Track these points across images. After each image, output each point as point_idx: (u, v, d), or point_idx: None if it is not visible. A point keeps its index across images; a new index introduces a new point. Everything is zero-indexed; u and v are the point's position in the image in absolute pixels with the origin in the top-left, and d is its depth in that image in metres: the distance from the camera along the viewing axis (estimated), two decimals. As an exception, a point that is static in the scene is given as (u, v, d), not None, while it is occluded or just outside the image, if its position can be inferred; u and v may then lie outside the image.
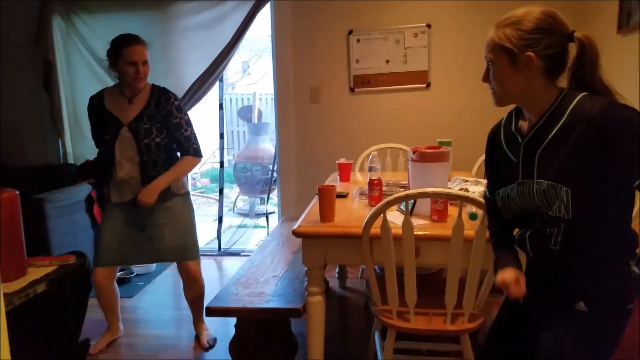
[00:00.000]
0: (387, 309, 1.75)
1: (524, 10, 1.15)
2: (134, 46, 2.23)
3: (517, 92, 1.19)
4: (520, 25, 1.13)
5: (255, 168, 5.53)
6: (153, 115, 2.30)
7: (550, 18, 1.13)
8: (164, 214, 2.39)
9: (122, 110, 2.30)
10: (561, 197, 1.11)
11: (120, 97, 2.33)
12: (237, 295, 2.12)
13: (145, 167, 2.30)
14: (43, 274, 1.39)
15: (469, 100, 3.50)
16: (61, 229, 3.11)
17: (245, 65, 8.80)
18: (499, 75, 1.19)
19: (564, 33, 1.13)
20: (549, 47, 1.12)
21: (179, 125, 2.35)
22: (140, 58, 2.24)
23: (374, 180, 2.08)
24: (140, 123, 2.28)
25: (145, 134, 2.28)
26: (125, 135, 2.28)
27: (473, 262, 1.60)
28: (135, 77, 2.24)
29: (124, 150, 2.29)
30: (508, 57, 1.15)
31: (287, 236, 2.94)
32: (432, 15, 3.46)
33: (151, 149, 2.30)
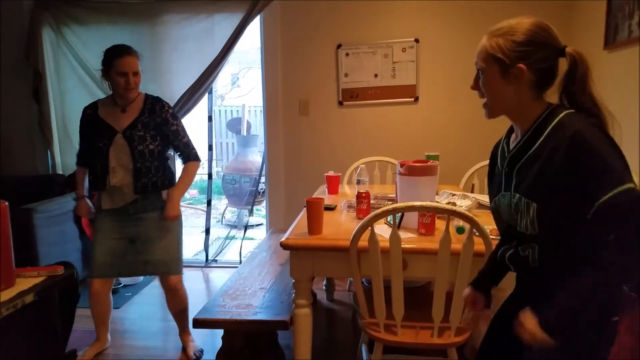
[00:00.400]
0: (375, 322, 1.76)
1: (516, 21, 1.15)
2: (124, 57, 2.25)
3: (507, 104, 1.19)
4: (513, 36, 1.13)
5: (243, 180, 5.54)
6: (147, 123, 2.33)
7: (542, 31, 1.13)
8: (153, 226, 2.38)
9: (116, 119, 2.32)
10: (528, 212, 1.13)
11: (114, 107, 2.35)
12: (225, 307, 2.12)
13: (139, 174, 2.31)
14: (31, 285, 1.39)
15: (456, 115, 3.56)
16: (49, 239, 3.09)
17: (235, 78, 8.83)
18: (488, 84, 1.20)
19: (556, 47, 1.14)
20: (540, 61, 1.13)
21: (176, 133, 2.39)
22: (131, 69, 2.26)
23: (362, 193, 2.11)
24: (134, 130, 2.30)
25: (139, 141, 2.30)
26: (119, 143, 2.30)
27: (460, 275, 1.62)
28: (125, 87, 2.26)
29: (118, 156, 2.30)
30: (499, 67, 1.15)
31: (275, 248, 2.95)
32: (420, 31, 3.53)
33: (145, 155, 2.31)
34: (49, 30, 3.74)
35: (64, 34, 3.73)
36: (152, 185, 2.35)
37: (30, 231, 2.94)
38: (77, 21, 3.71)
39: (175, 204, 2.38)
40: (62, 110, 3.84)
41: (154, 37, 3.68)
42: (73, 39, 3.73)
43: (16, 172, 3.83)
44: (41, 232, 3.02)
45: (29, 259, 2.84)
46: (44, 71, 3.73)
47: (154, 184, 2.36)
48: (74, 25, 3.73)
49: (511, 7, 3.30)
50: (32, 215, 2.97)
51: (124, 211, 2.35)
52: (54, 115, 3.83)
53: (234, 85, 8.81)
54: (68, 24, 3.72)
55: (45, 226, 3.07)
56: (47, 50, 3.75)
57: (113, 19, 3.70)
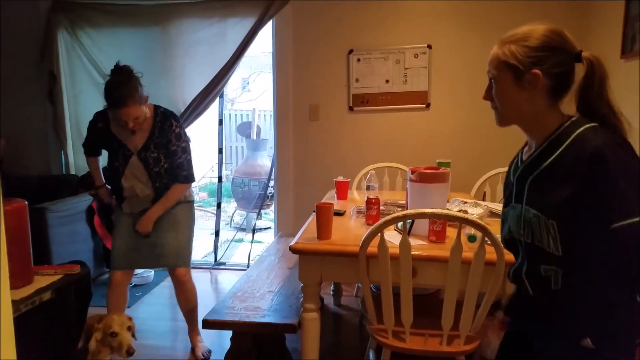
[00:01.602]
0: (383, 328, 1.76)
1: (529, 27, 1.12)
2: (122, 109, 2.18)
3: (520, 112, 1.15)
4: (527, 42, 1.10)
5: (252, 183, 5.56)
6: (158, 143, 2.37)
7: (557, 36, 1.10)
8: (167, 220, 2.45)
9: (128, 137, 2.35)
10: (548, 230, 1.08)
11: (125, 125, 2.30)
12: (234, 308, 2.12)
13: (158, 190, 2.41)
14: (49, 283, 1.42)
15: (468, 121, 3.55)
16: (62, 239, 3.13)
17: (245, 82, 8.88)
18: (502, 92, 1.16)
19: (572, 52, 1.10)
20: (555, 66, 1.09)
21: (174, 153, 2.39)
22: (130, 118, 2.21)
23: (371, 199, 2.10)
24: (148, 152, 2.35)
25: (154, 163, 2.36)
26: (135, 165, 2.36)
27: (471, 284, 1.62)
28: (130, 130, 2.29)
29: (135, 175, 2.38)
30: (513, 74, 1.12)
31: (284, 252, 2.96)
32: (433, 37, 3.53)
33: (161, 175, 2.39)
34: (64, 33, 3.80)
35: (79, 36, 3.79)
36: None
37: (43, 230, 2.98)
38: (92, 24, 3.77)
39: (148, 220, 2.39)
40: (76, 112, 3.90)
41: (167, 40, 3.72)
42: (87, 42, 3.79)
43: (30, 172, 3.89)
44: (54, 232, 3.06)
45: (41, 258, 2.87)
46: (58, 73, 3.79)
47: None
48: (89, 28, 3.78)
49: (525, 15, 3.30)
50: (45, 214, 3.01)
51: (142, 212, 2.43)
52: (67, 116, 3.89)
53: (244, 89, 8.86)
54: (83, 26, 3.78)
55: (58, 225, 3.11)
56: (62, 52, 3.81)
57: (127, 23, 3.75)
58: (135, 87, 2.21)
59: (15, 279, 1.32)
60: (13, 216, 1.31)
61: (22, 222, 1.36)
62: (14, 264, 1.22)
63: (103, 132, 2.37)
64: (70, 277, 1.48)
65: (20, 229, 1.34)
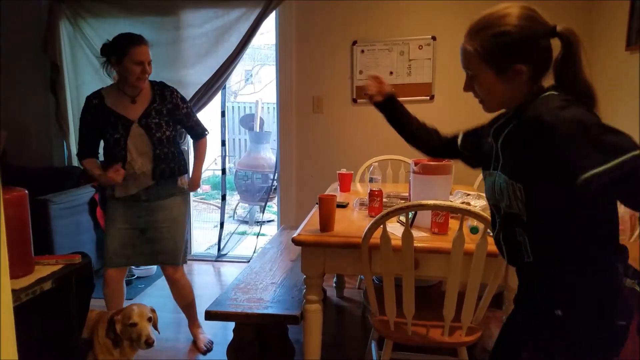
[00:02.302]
0: (385, 320, 1.76)
1: (498, 13, 1.09)
2: (141, 46, 2.22)
3: (507, 99, 1.14)
4: (503, 38, 1.06)
5: (255, 176, 5.56)
6: (160, 110, 2.33)
7: (531, 20, 1.06)
8: (163, 214, 2.39)
9: (127, 109, 2.29)
10: (516, 194, 1.08)
11: (122, 97, 2.30)
12: (236, 300, 2.13)
13: (158, 160, 2.32)
14: (49, 272, 1.42)
15: (472, 114, 3.46)
16: (64, 230, 3.14)
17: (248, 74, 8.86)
18: (485, 87, 1.14)
19: (547, 31, 1.06)
20: (536, 53, 1.07)
21: (188, 114, 2.44)
22: (147, 58, 2.24)
23: (374, 191, 2.10)
24: (149, 118, 2.29)
25: (156, 128, 2.30)
26: (136, 132, 2.28)
27: (473, 275, 1.61)
28: (139, 77, 2.23)
29: (137, 146, 2.29)
30: (494, 69, 1.09)
31: (286, 244, 2.96)
32: (437, 28, 3.51)
33: (163, 142, 2.33)
34: (67, 23, 3.79)
35: (81, 27, 3.78)
36: (170, 172, 2.37)
37: (46, 222, 2.99)
38: (94, 14, 3.75)
39: (198, 179, 2.54)
40: (79, 103, 3.89)
41: (170, 32, 3.71)
42: (90, 32, 3.77)
43: (32, 163, 3.90)
44: (56, 223, 3.07)
45: (44, 249, 2.88)
46: (61, 64, 3.78)
47: (172, 170, 2.37)
48: (91, 19, 3.77)
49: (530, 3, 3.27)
50: (47, 206, 3.02)
51: (136, 198, 2.35)
52: (70, 107, 3.89)
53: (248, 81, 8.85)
54: (85, 17, 3.76)
55: (61, 217, 3.12)
56: (65, 43, 3.80)
57: (130, 14, 3.73)
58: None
59: (16, 268, 1.32)
60: (13, 205, 1.31)
61: (23, 211, 1.36)
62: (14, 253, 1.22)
63: (99, 108, 2.28)
64: (71, 267, 1.48)
65: (20, 218, 1.35)
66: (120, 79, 2.30)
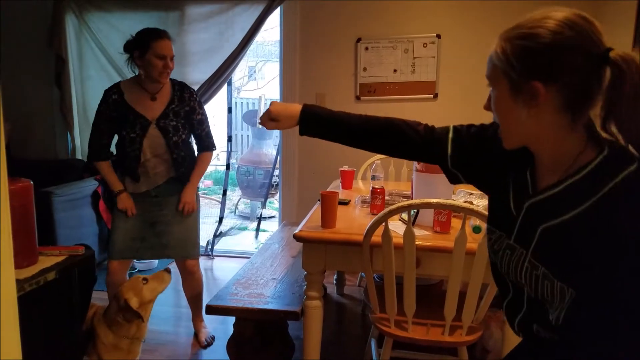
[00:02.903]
0: (385, 317, 1.76)
1: (541, 15, 0.82)
2: (165, 40, 2.21)
3: (523, 131, 0.87)
4: (529, 40, 0.80)
5: (257, 172, 5.56)
6: (177, 112, 2.31)
7: (576, 29, 0.79)
8: (174, 209, 2.39)
9: (146, 107, 2.26)
10: (562, 298, 0.83)
11: (142, 93, 2.27)
12: (237, 295, 2.14)
13: (176, 164, 2.34)
14: (53, 263, 1.43)
15: (476, 113, 3.46)
16: (67, 223, 3.15)
17: (252, 70, 8.86)
18: (498, 105, 0.89)
19: (593, 52, 0.78)
20: (567, 73, 0.79)
21: (201, 122, 2.39)
22: (169, 53, 2.22)
23: (376, 189, 2.10)
24: (167, 120, 2.27)
25: (174, 132, 2.28)
26: (153, 134, 2.26)
27: (474, 275, 1.61)
28: (162, 72, 2.21)
29: (152, 147, 2.28)
30: (508, 83, 0.84)
31: (288, 240, 2.96)
32: (442, 26, 3.49)
33: (179, 146, 2.32)
34: (72, 17, 3.79)
35: (87, 21, 3.78)
36: (186, 172, 2.38)
37: (49, 214, 3.00)
38: (100, 8, 3.75)
39: (191, 193, 2.40)
40: (83, 96, 3.90)
41: (175, 27, 3.70)
42: (96, 26, 3.78)
43: (36, 155, 3.91)
44: (59, 215, 3.08)
45: (47, 241, 2.89)
46: (66, 57, 3.79)
47: (188, 171, 2.39)
48: (97, 13, 3.77)
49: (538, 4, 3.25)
50: (50, 198, 3.03)
51: (145, 194, 2.36)
52: (75, 100, 3.89)
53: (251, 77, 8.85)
54: (91, 10, 3.77)
55: (64, 210, 3.13)
56: (70, 36, 3.81)
57: (135, 8, 3.73)
58: None
59: (20, 258, 1.33)
60: (18, 196, 1.32)
61: (28, 202, 1.37)
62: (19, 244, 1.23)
63: (118, 104, 2.24)
64: (75, 258, 1.49)
65: (25, 208, 1.35)
66: (142, 74, 2.26)
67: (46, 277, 1.33)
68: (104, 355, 1.82)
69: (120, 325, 1.83)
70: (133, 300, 1.80)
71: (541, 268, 0.86)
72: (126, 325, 1.83)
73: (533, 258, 0.87)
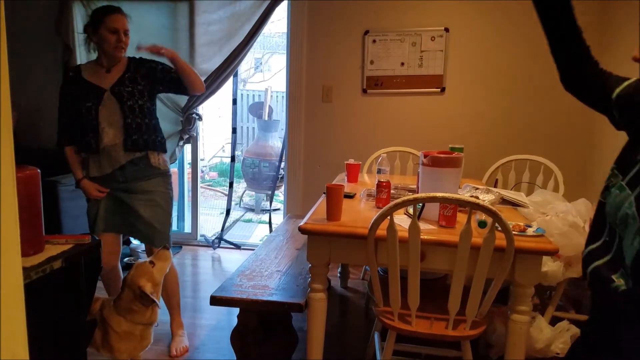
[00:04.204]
0: (389, 311, 1.76)
1: None
2: (116, 14, 2.21)
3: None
4: None
5: (263, 164, 5.57)
6: (134, 77, 2.28)
7: None
8: (142, 196, 2.32)
9: (101, 79, 2.26)
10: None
11: (99, 68, 2.28)
12: (241, 286, 2.14)
13: (129, 130, 2.24)
14: (60, 251, 1.43)
15: (483, 108, 3.50)
16: (72, 212, 3.17)
17: (258, 62, 8.84)
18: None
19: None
20: None
21: (164, 69, 2.33)
22: (122, 27, 2.21)
23: (382, 183, 2.09)
24: (122, 87, 2.24)
25: (128, 96, 2.24)
26: (108, 101, 2.23)
27: (479, 270, 1.61)
28: (116, 46, 2.21)
29: (108, 115, 2.23)
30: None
31: (292, 232, 2.97)
32: (450, 20, 3.47)
33: (135, 111, 2.25)
34: (80, 6, 3.78)
35: (94, 10, 3.77)
36: (143, 143, 2.27)
37: (55, 203, 3.02)
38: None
39: (171, 52, 2.27)
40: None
41: (182, 18, 3.70)
42: (103, 16, 3.76)
43: (42, 144, 3.91)
44: (65, 205, 3.10)
45: (52, 229, 2.90)
46: (74, 46, 3.78)
47: (145, 142, 2.28)
48: (105, 2, 3.75)
49: None
50: (56, 187, 3.05)
51: (112, 179, 2.29)
52: (81, 90, 3.89)
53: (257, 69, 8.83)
54: (99, 0, 3.75)
55: (69, 199, 3.14)
56: (78, 25, 3.79)
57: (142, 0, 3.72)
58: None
59: (27, 246, 1.33)
60: (25, 183, 1.32)
61: (35, 189, 1.37)
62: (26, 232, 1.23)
63: (74, 80, 2.26)
64: (81, 247, 1.50)
65: (32, 196, 1.36)
66: (99, 50, 2.27)
67: (52, 265, 1.33)
68: (117, 344, 1.82)
69: (135, 312, 1.83)
70: (147, 286, 1.81)
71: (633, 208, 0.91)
72: (141, 312, 1.84)
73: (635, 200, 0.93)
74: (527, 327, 1.79)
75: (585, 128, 3.38)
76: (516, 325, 1.74)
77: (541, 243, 1.65)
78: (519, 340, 1.74)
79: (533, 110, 3.40)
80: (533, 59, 3.31)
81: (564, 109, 3.38)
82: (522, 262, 1.66)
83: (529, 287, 1.71)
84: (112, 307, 1.85)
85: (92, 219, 2.33)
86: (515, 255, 1.61)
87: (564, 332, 2.26)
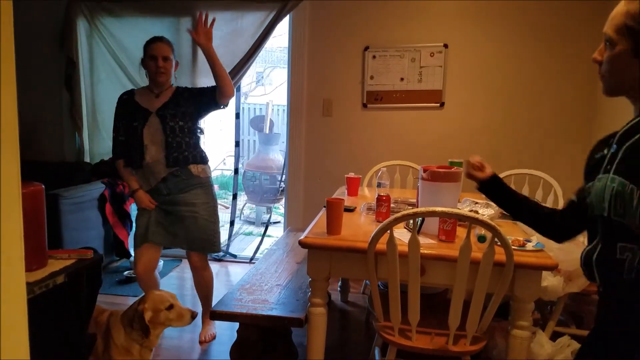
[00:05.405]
0: (389, 325, 1.76)
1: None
2: (156, 43, 2.45)
3: (632, 84, 1.00)
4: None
5: (264, 177, 5.58)
6: (178, 102, 2.49)
7: None
8: (185, 207, 2.50)
9: (150, 102, 2.49)
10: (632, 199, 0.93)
11: (149, 93, 2.52)
12: (241, 301, 2.14)
13: (170, 148, 2.44)
14: (62, 267, 1.44)
15: (482, 122, 3.52)
16: (73, 225, 3.17)
17: (259, 76, 8.90)
18: (614, 61, 1.00)
19: None
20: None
21: (201, 89, 2.58)
22: (160, 53, 2.43)
23: (382, 197, 2.10)
24: (166, 110, 2.46)
25: (171, 118, 2.45)
26: (153, 121, 2.45)
27: (479, 284, 1.61)
28: (155, 71, 2.43)
29: (151, 134, 2.44)
30: (633, 43, 0.95)
31: (292, 246, 2.97)
32: (449, 36, 3.51)
33: (175, 131, 2.45)
34: (84, 21, 3.83)
35: (98, 25, 3.82)
36: (184, 159, 2.46)
37: (56, 216, 3.03)
38: (112, 14, 3.79)
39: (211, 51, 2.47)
40: (93, 100, 3.93)
41: (185, 33, 3.73)
42: (107, 31, 3.82)
43: (44, 157, 3.94)
44: (66, 218, 3.10)
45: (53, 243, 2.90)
46: (77, 60, 3.82)
47: (185, 158, 2.47)
48: (109, 18, 3.81)
49: (545, 15, 3.26)
50: (58, 200, 3.05)
51: (157, 191, 2.50)
52: (84, 103, 3.92)
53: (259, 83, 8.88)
54: (103, 15, 3.81)
55: (70, 212, 3.15)
56: (82, 40, 3.85)
57: (146, 15, 3.76)
58: (171, 43, 2.51)
59: (30, 261, 1.34)
60: (30, 199, 1.34)
61: (39, 205, 1.38)
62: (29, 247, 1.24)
63: (127, 102, 2.51)
64: (83, 262, 1.50)
65: (36, 212, 1.37)
66: (148, 78, 2.52)
67: (55, 280, 1.34)
68: (116, 356, 1.83)
69: (133, 329, 1.84)
70: (147, 314, 1.81)
71: (617, 179, 0.98)
72: (138, 332, 1.84)
73: (613, 174, 1.00)
74: (527, 343, 1.78)
75: (585, 143, 3.39)
76: (517, 341, 1.73)
77: (541, 258, 1.65)
78: (519, 356, 1.74)
79: (532, 125, 3.43)
80: (531, 75, 3.34)
81: (563, 124, 3.40)
82: (522, 277, 1.67)
83: (529, 302, 1.71)
84: (118, 317, 1.86)
85: (142, 228, 2.51)
86: (515, 270, 1.62)
87: (564, 347, 2.25)
